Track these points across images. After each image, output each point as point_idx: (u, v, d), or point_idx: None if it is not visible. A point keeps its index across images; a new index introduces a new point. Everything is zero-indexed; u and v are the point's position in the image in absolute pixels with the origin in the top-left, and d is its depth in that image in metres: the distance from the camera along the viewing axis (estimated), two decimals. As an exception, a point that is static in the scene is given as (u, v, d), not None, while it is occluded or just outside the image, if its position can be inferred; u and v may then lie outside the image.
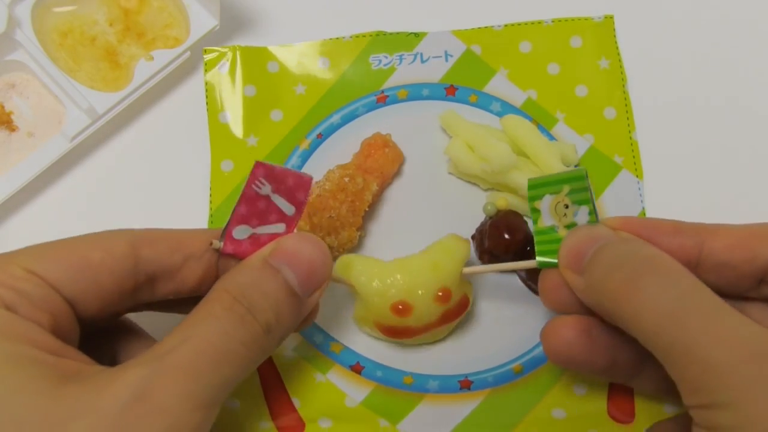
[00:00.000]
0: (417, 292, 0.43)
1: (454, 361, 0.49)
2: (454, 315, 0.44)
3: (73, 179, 0.53)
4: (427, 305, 0.43)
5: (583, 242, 0.37)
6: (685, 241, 0.37)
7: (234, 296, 0.34)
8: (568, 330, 0.38)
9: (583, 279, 0.36)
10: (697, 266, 0.37)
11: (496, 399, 0.48)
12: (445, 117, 0.52)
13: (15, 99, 0.54)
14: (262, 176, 0.37)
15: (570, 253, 0.37)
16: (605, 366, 0.38)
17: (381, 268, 0.44)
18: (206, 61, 0.54)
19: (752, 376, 0.29)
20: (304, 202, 0.38)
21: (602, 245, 0.36)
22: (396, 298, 0.43)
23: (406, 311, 0.43)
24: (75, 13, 0.55)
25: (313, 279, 0.36)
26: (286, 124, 0.53)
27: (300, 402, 0.48)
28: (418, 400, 0.48)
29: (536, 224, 0.41)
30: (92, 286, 0.34)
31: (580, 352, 0.38)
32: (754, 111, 0.55)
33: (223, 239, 0.37)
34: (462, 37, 0.55)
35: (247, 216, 0.38)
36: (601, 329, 0.38)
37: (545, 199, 0.41)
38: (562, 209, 0.40)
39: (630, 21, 0.56)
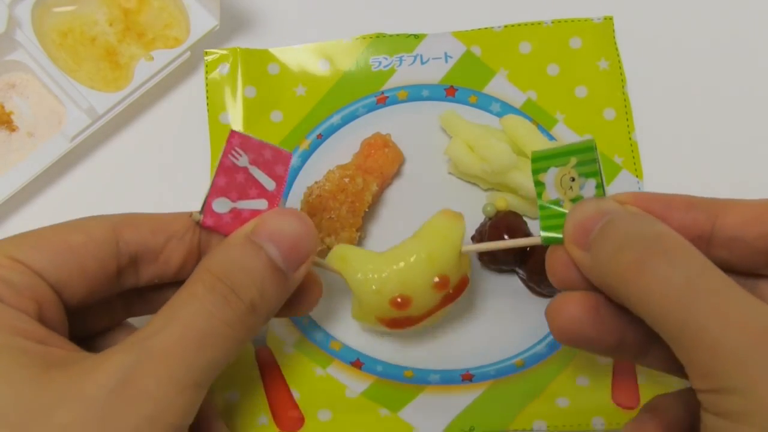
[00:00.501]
0: (415, 284, 0.42)
1: (455, 357, 0.49)
2: (455, 296, 0.43)
3: (73, 179, 0.53)
4: (427, 294, 0.42)
5: (590, 216, 0.35)
6: (698, 215, 0.36)
7: (216, 276, 0.33)
8: (575, 307, 0.36)
9: (589, 256, 0.35)
10: (710, 241, 0.36)
11: (499, 389, 0.48)
12: (445, 117, 0.52)
13: (15, 99, 0.54)
14: (237, 145, 0.37)
15: (576, 227, 0.36)
16: (614, 344, 0.36)
17: (376, 263, 0.43)
18: (207, 62, 0.54)
19: (764, 360, 0.28)
20: (285, 177, 0.38)
21: (609, 220, 0.34)
22: (394, 293, 0.42)
23: (405, 304, 0.42)
24: (75, 13, 0.55)
25: (297, 253, 0.36)
26: (286, 124, 0.54)
27: (300, 394, 0.48)
28: (419, 390, 0.48)
29: (540, 198, 0.39)
30: (76, 270, 0.34)
31: (587, 329, 0.36)
32: (754, 111, 0.55)
33: (203, 212, 0.37)
34: (462, 38, 0.55)
35: (226, 188, 0.37)
36: (609, 306, 0.36)
37: (550, 172, 0.39)
38: (568, 182, 0.38)
39: (629, 22, 0.56)
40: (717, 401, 0.29)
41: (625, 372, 0.48)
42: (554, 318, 0.37)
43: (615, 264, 0.33)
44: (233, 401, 0.47)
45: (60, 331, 0.34)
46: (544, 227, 0.38)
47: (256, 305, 0.34)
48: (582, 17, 0.56)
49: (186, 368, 0.31)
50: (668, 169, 0.53)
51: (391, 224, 0.52)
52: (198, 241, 0.38)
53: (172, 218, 0.37)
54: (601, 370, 0.48)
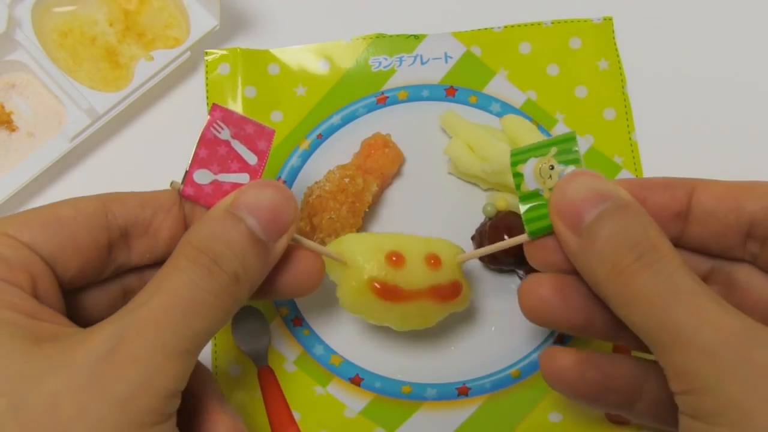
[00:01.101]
0: (409, 250, 0.42)
1: (452, 368, 0.49)
2: (444, 294, 0.42)
3: (73, 179, 0.53)
4: (418, 265, 0.42)
5: (586, 197, 0.34)
6: (675, 192, 0.37)
7: (198, 248, 0.33)
8: (544, 288, 0.37)
9: (577, 241, 0.34)
10: (687, 218, 0.37)
11: (494, 404, 0.48)
12: (445, 117, 0.52)
13: (15, 99, 0.54)
14: (219, 119, 0.38)
15: (569, 207, 0.34)
16: (581, 325, 0.37)
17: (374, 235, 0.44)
18: (207, 62, 0.54)
19: (732, 359, 0.29)
20: (267, 152, 0.38)
21: (606, 213, 0.33)
22: (390, 248, 0.42)
23: (399, 262, 0.41)
24: (75, 13, 0.55)
25: (276, 223, 0.36)
26: (286, 124, 0.54)
27: (300, 415, 0.48)
28: (416, 407, 0.48)
29: (519, 189, 0.38)
30: (68, 242, 0.34)
31: (555, 310, 0.37)
32: (754, 111, 0.55)
33: (184, 182, 0.37)
34: (462, 38, 0.55)
35: (208, 160, 0.38)
36: (579, 289, 0.37)
37: (529, 163, 0.37)
38: (547, 171, 0.37)
39: (629, 22, 0.56)
40: (692, 403, 0.30)
41: None
42: (524, 298, 0.38)
43: (607, 267, 0.33)
44: None
45: (55, 306, 0.34)
46: (528, 220, 0.37)
47: (239, 276, 0.34)
48: (582, 18, 0.56)
49: (174, 336, 0.31)
50: (668, 169, 0.52)
51: (391, 224, 0.52)
52: (184, 216, 0.38)
53: (158, 193, 0.38)
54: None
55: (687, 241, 0.38)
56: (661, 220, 0.35)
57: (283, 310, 0.50)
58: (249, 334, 0.49)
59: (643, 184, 0.37)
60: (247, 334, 0.49)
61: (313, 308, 0.50)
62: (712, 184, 0.37)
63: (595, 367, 0.36)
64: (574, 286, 0.37)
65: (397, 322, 0.42)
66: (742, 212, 0.36)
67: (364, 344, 0.49)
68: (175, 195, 0.38)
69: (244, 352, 0.49)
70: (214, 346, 0.49)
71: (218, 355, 0.49)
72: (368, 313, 0.42)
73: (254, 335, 0.49)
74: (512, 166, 0.38)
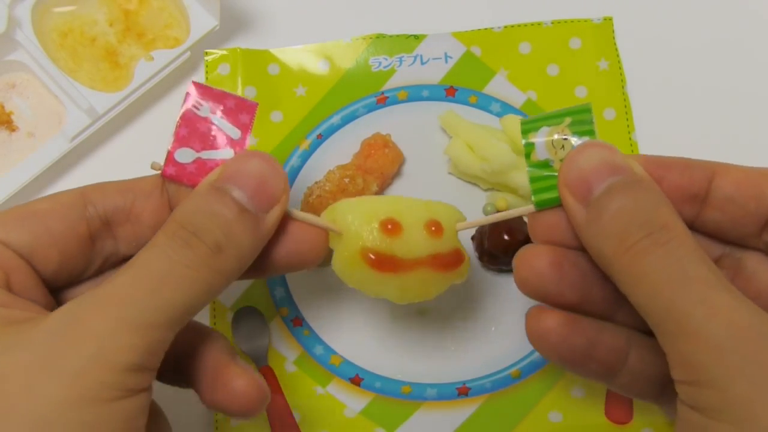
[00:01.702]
0: (407, 216, 0.39)
1: (452, 368, 0.49)
2: (446, 263, 0.39)
3: (73, 179, 0.53)
4: (417, 232, 0.38)
5: (597, 168, 0.33)
6: (694, 174, 0.35)
7: (179, 223, 0.33)
8: (539, 260, 0.35)
9: (585, 213, 0.32)
10: (705, 201, 0.35)
11: (494, 403, 0.48)
12: (445, 117, 0.52)
13: (15, 99, 0.54)
14: (198, 96, 0.37)
15: (578, 177, 0.33)
16: (576, 301, 0.35)
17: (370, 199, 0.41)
18: (207, 62, 0.54)
19: (743, 355, 0.28)
20: (250, 125, 0.37)
21: (617, 186, 0.32)
22: (385, 215, 0.38)
23: (395, 230, 0.38)
24: (75, 14, 0.55)
25: (264, 192, 0.34)
26: (286, 125, 0.54)
27: (300, 416, 0.48)
28: (416, 407, 0.48)
29: (528, 159, 0.36)
30: (43, 234, 0.34)
31: (549, 283, 0.35)
32: (754, 111, 0.55)
33: (165, 162, 0.37)
34: (462, 38, 0.55)
35: (189, 138, 0.37)
36: (577, 264, 0.35)
37: (541, 131, 0.36)
38: (560, 142, 0.35)
39: (629, 22, 0.56)
40: (694, 394, 0.29)
41: None
42: (519, 269, 0.35)
43: (614, 242, 0.31)
44: (236, 424, 0.48)
45: (37, 300, 0.34)
46: (535, 190, 0.35)
47: (222, 246, 0.32)
48: (582, 18, 0.56)
49: (138, 309, 0.30)
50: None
51: (391, 224, 0.52)
52: (168, 199, 0.37)
53: (138, 179, 0.38)
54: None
55: (701, 226, 0.36)
56: (676, 201, 0.34)
57: (283, 310, 0.50)
58: (249, 334, 0.49)
59: (661, 163, 0.35)
60: (247, 334, 0.49)
61: (313, 308, 0.50)
62: (733, 169, 0.35)
63: (581, 331, 0.35)
64: (573, 260, 0.35)
65: (395, 294, 0.39)
66: (763, 200, 0.34)
67: (364, 344, 0.49)
68: (156, 179, 0.37)
69: (244, 351, 0.49)
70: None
71: (218, 355, 0.49)
72: (364, 284, 0.39)
73: (254, 335, 0.49)
74: (523, 135, 0.36)
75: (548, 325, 0.35)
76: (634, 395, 0.36)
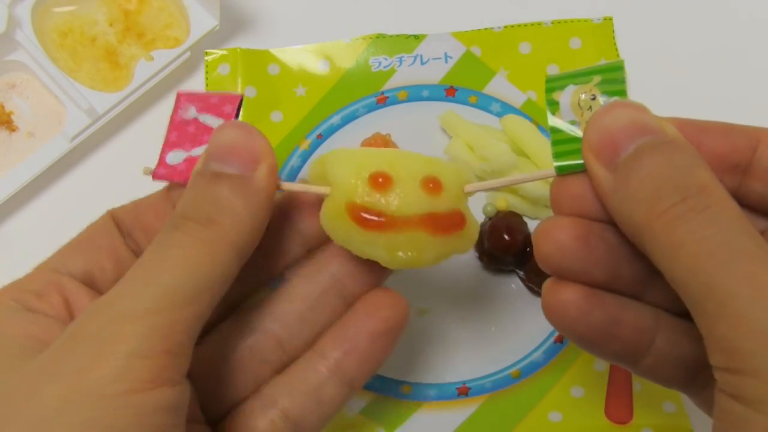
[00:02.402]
0: (402, 169, 0.35)
1: (452, 368, 0.49)
2: (443, 225, 0.34)
3: (73, 179, 0.53)
4: (411, 188, 0.34)
5: (623, 127, 0.29)
6: (737, 140, 0.31)
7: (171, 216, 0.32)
8: (563, 233, 0.31)
9: (612, 178, 0.29)
10: (747, 171, 0.31)
11: (494, 403, 0.48)
12: (445, 117, 0.52)
13: (15, 99, 0.54)
14: (183, 101, 0.37)
15: (603, 137, 0.30)
16: (604, 280, 0.31)
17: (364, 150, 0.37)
18: (207, 62, 0.54)
19: None
20: (233, 114, 0.37)
21: (647, 146, 0.29)
22: (376, 168, 0.35)
23: (386, 183, 0.34)
24: (75, 13, 0.55)
25: (240, 153, 0.32)
26: (286, 125, 0.54)
27: None
28: (416, 407, 0.48)
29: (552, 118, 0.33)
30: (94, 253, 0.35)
31: (574, 260, 0.31)
32: (754, 112, 0.55)
33: (156, 166, 0.36)
34: (462, 38, 0.55)
35: (179, 141, 0.37)
36: (603, 237, 0.31)
37: (568, 90, 0.33)
38: (588, 102, 0.32)
39: (629, 23, 0.56)
40: (734, 382, 0.26)
41: (620, 381, 0.48)
42: (540, 243, 0.32)
43: (644, 208, 0.28)
44: None
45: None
46: (557, 153, 0.32)
47: (213, 218, 0.31)
48: (582, 18, 0.56)
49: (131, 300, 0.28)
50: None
51: (391, 224, 0.52)
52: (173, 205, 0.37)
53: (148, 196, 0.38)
54: (596, 378, 0.48)
55: (742, 198, 0.32)
56: (716, 170, 0.30)
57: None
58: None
59: (699, 126, 0.32)
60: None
61: (313, 308, 0.50)
62: None
63: (602, 307, 0.31)
64: (600, 234, 0.31)
65: (383, 255, 0.34)
66: None
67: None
68: (162, 192, 0.37)
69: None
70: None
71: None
72: (350, 242, 0.35)
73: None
74: (547, 93, 0.33)
75: (567, 297, 0.31)
76: (661, 381, 0.33)
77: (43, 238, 0.52)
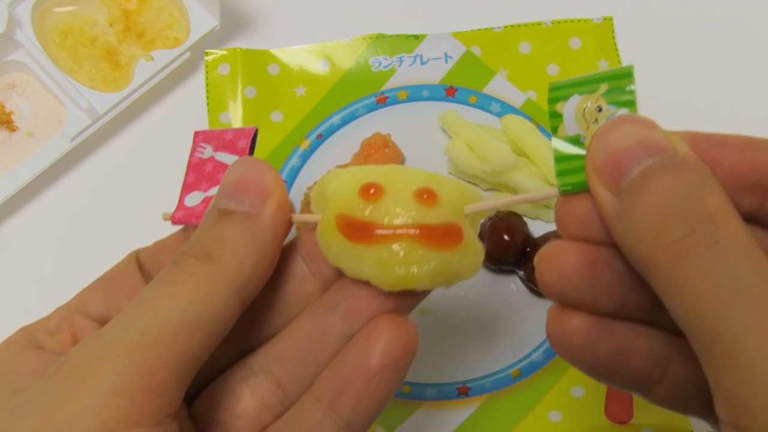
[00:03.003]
0: (396, 182, 0.32)
1: (452, 368, 0.49)
2: (435, 235, 0.31)
3: (73, 179, 0.53)
4: (402, 198, 0.32)
5: (631, 148, 0.27)
6: (757, 156, 0.28)
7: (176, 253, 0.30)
8: (567, 260, 0.29)
9: (616, 203, 0.27)
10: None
11: (493, 403, 0.48)
12: (445, 117, 0.52)
13: (15, 99, 0.54)
14: (200, 141, 0.36)
15: (608, 158, 0.27)
16: (613, 308, 0.29)
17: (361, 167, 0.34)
18: (207, 62, 0.54)
19: None
20: (247, 148, 0.36)
21: (654, 168, 0.26)
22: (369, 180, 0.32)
23: (376, 194, 0.32)
24: (75, 14, 0.55)
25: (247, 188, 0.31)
26: (286, 125, 0.54)
27: None
28: (415, 407, 0.48)
29: (555, 134, 0.30)
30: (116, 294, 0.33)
31: (579, 289, 0.29)
32: (754, 112, 0.55)
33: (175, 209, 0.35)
34: (462, 38, 0.55)
35: (196, 183, 0.36)
36: (611, 264, 0.29)
37: (572, 100, 0.30)
38: (594, 113, 0.29)
39: (629, 22, 0.56)
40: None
41: None
42: (543, 270, 0.29)
43: (649, 240, 0.25)
44: None
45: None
46: (560, 171, 0.29)
47: (213, 254, 0.29)
48: (582, 18, 0.56)
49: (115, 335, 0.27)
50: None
51: (391, 224, 0.52)
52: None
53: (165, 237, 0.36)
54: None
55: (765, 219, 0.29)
56: (735, 190, 0.28)
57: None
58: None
59: (715, 141, 0.29)
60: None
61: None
62: None
63: (610, 337, 0.29)
64: (608, 260, 0.29)
65: (373, 270, 0.31)
66: None
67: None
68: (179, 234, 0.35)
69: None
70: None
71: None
72: (342, 259, 0.32)
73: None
74: (550, 103, 0.30)
75: (572, 327, 0.29)
76: (679, 409, 0.31)
77: (43, 238, 0.52)
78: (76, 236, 0.52)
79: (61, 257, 0.52)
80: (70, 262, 0.51)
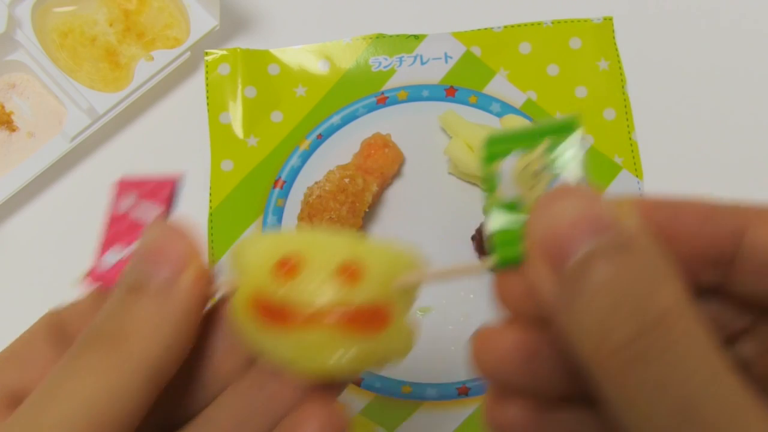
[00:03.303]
0: (318, 254, 0.28)
1: (452, 368, 0.49)
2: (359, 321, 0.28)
3: (73, 179, 0.53)
4: (322, 275, 0.28)
5: (576, 225, 0.23)
6: (718, 228, 0.25)
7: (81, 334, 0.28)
8: (506, 343, 0.26)
9: (557, 286, 0.23)
10: (732, 263, 0.25)
11: None
12: (445, 117, 0.52)
13: (15, 99, 0.54)
14: (117, 193, 0.33)
15: (549, 235, 0.23)
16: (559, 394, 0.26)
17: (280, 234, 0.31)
18: (207, 62, 0.54)
19: None
20: (170, 197, 0.33)
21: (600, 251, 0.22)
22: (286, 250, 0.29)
23: (294, 270, 0.28)
24: (75, 14, 0.55)
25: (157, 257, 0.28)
26: (286, 124, 0.54)
27: None
28: (415, 407, 0.48)
29: (489, 198, 0.26)
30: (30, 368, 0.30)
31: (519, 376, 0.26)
32: (753, 112, 0.55)
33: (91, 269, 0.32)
34: (462, 38, 0.55)
35: (116, 237, 0.33)
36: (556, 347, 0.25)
37: (510, 159, 0.26)
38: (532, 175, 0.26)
39: (629, 22, 0.56)
40: None
41: None
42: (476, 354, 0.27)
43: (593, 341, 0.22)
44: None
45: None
46: (499, 242, 0.25)
47: (120, 340, 0.26)
48: (582, 18, 0.56)
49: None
50: (668, 169, 0.53)
51: (392, 224, 0.52)
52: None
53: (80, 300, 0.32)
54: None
55: (729, 291, 0.26)
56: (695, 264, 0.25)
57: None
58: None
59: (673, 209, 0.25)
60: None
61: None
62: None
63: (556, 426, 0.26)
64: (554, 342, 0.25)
65: (290, 357, 0.28)
66: None
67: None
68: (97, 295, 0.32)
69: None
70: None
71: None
72: (256, 343, 0.28)
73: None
74: (486, 161, 0.26)
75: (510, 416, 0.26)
76: None
77: (43, 238, 0.52)
78: (76, 236, 0.52)
79: (61, 257, 0.52)
80: (70, 262, 0.51)
